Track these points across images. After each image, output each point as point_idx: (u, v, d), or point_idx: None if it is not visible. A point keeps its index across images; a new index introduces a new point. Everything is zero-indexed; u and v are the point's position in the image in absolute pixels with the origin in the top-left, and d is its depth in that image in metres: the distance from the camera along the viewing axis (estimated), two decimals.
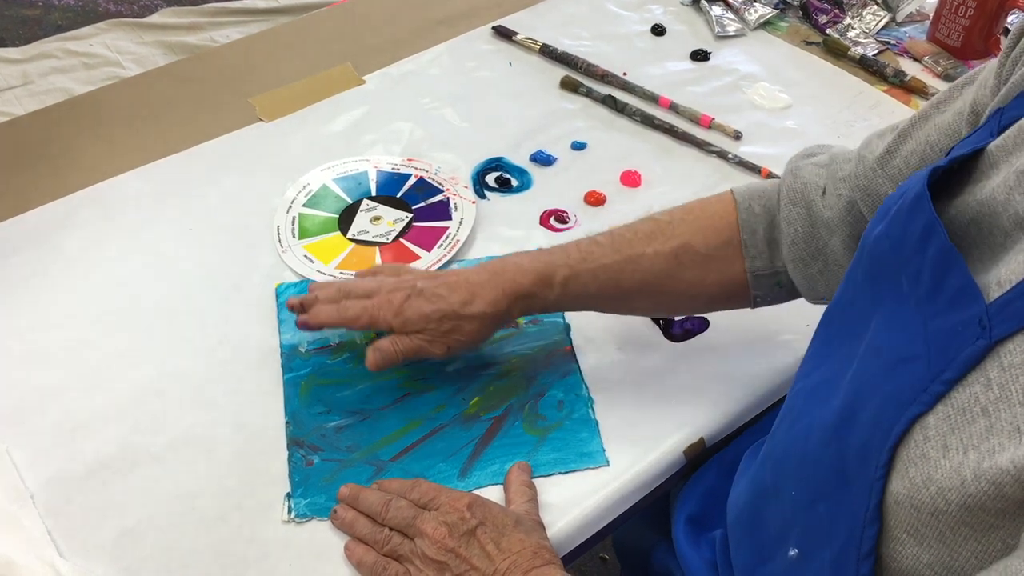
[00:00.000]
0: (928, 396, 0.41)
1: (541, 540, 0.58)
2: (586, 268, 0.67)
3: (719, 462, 0.71)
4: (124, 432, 0.68)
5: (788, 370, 0.73)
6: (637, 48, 1.08)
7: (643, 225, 0.68)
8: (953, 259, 0.43)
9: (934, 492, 0.40)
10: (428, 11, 1.13)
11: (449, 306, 0.66)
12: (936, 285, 0.44)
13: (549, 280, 0.67)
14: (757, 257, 0.67)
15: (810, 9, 1.12)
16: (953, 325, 0.42)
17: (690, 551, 0.67)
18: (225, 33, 2.21)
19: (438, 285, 0.67)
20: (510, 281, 0.67)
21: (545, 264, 0.67)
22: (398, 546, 0.59)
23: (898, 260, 0.47)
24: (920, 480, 0.41)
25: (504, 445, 0.67)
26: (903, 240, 0.46)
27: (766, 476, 0.56)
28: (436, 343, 0.67)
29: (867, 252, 0.50)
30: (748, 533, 0.58)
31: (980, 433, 0.39)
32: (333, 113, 0.98)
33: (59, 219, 0.85)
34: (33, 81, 2.05)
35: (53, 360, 0.73)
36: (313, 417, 0.69)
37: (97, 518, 0.63)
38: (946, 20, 1.05)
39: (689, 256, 0.66)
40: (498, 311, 0.67)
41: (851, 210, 0.62)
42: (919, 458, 0.41)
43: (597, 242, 0.68)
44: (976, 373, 0.40)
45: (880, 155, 0.60)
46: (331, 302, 0.69)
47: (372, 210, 0.86)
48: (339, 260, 0.81)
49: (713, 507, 0.68)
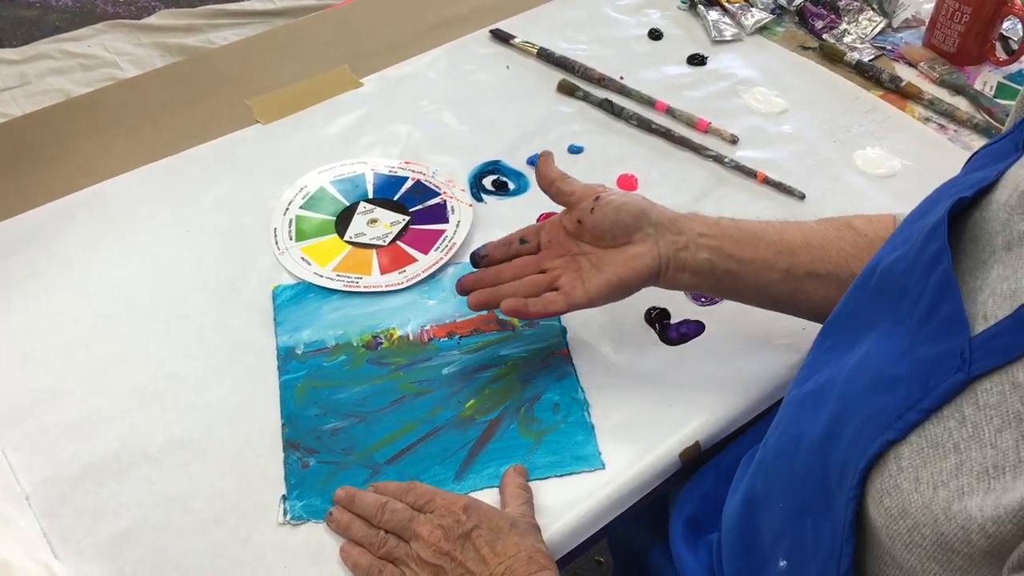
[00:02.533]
0: (902, 423, 0.41)
1: (536, 544, 0.59)
2: (771, 237, 0.67)
3: (717, 466, 0.71)
4: (120, 434, 0.68)
5: (784, 374, 0.73)
6: (634, 52, 1.08)
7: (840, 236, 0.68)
8: (950, 287, 0.42)
9: (910, 525, 0.40)
10: (425, 14, 1.13)
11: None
12: (931, 311, 0.43)
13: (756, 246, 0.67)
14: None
15: (806, 14, 1.12)
16: (938, 354, 0.41)
17: (687, 554, 0.67)
18: (222, 35, 2.21)
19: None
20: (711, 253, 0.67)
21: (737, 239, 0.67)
22: (393, 548, 0.59)
23: (906, 282, 0.46)
24: (896, 511, 0.40)
25: (500, 448, 0.67)
26: (915, 263, 0.46)
27: (758, 484, 0.56)
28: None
29: (880, 271, 0.49)
30: (741, 541, 0.58)
31: (950, 470, 0.38)
32: (331, 116, 0.98)
33: (55, 221, 0.85)
34: (30, 82, 2.04)
35: (49, 361, 0.73)
36: (309, 419, 0.69)
37: (92, 519, 0.63)
38: (942, 26, 1.05)
39: (850, 234, 0.66)
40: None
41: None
42: (893, 488, 0.41)
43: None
44: (951, 407, 0.40)
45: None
46: None
47: (369, 212, 0.86)
48: (336, 262, 0.81)
49: (710, 511, 0.68)
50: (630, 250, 0.67)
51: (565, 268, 0.69)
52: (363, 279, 0.80)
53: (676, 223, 0.67)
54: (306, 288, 0.79)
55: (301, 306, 0.77)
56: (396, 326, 0.76)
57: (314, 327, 0.75)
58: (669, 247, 0.66)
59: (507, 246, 0.72)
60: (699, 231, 0.67)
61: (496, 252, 0.72)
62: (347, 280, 0.79)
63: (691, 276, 0.67)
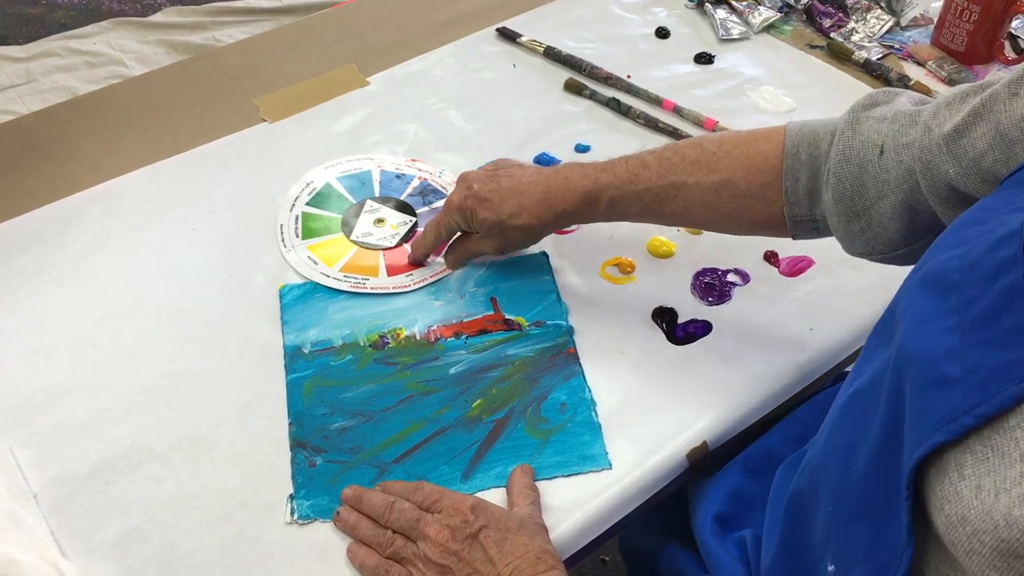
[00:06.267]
0: (957, 427, 0.40)
1: (544, 544, 0.58)
2: (632, 190, 0.71)
3: (744, 462, 0.71)
4: (127, 432, 0.68)
5: (791, 373, 0.73)
6: (641, 51, 1.08)
7: (691, 151, 0.71)
8: (1019, 298, 0.42)
9: (969, 532, 0.39)
10: (432, 13, 1.13)
11: (498, 216, 0.74)
12: (992, 317, 0.42)
13: (595, 200, 0.72)
14: (796, 204, 0.67)
15: (814, 13, 1.12)
16: (999, 363, 0.41)
17: (719, 549, 0.67)
18: (228, 32, 2.21)
19: (491, 191, 0.75)
20: (558, 199, 0.73)
21: (594, 183, 0.72)
22: (401, 548, 0.59)
23: (959, 280, 0.45)
24: (955, 518, 0.40)
25: (507, 448, 0.67)
26: (975, 266, 0.45)
27: (805, 486, 0.55)
28: (488, 243, 0.77)
29: (927, 268, 0.49)
30: (787, 542, 0.57)
31: (1015, 478, 0.38)
32: (337, 114, 0.98)
33: (63, 219, 0.85)
34: (36, 79, 2.05)
35: (57, 359, 0.73)
36: (316, 418, 0.69)
37: (100, 518, 0.63)
38: (950, 24, 1.05)
39: (729, 191, 0.69)
40: (543, 223, 0.74)
41: (908, 178, 0.60)
42: (953, 495, 0.40)
43: (645, 164, 0.72)
44: (1018, 416, 0.39)
45: (948, 132, 0.56)
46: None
47: (375, 212, 0.86)
48: (343, 263, 0.81)
49: (741, 507, 0.68)
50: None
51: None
52: (370, 280, 0.80)
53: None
54: (313, 287, 0.79)
55: (308, 305, 0.77)
56: (403, 326, 0.76)
57: (321, 326, 0.76)
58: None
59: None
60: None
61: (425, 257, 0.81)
62: (354, 281, 0.79)
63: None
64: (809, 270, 0.81)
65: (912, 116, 0.61)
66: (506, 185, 0.75)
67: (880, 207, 0.62)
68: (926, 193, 0.58)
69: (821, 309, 0.78)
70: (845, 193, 0.63)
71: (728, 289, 0.80)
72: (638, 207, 0.72)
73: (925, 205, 0.60)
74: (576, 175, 0.73)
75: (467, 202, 0.75)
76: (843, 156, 0.63)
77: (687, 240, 0.84)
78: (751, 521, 0.67)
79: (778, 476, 0.65)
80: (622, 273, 0.81)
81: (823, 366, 0.75)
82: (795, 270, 0.81)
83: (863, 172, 0.63)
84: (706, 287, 0.80)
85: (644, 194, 0.71)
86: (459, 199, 0.76)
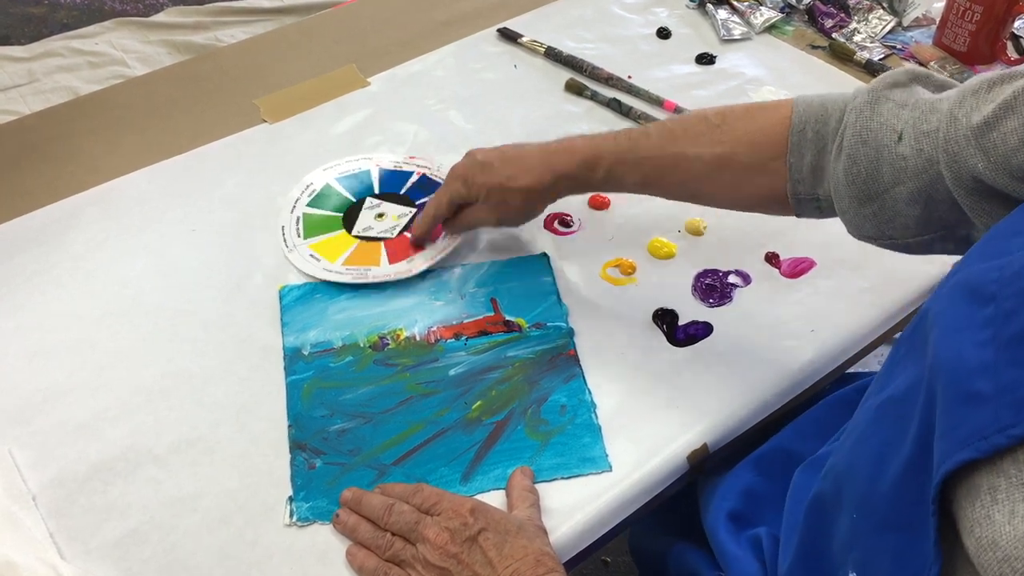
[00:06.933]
0: (987, 445, 0.39)
1: (543, 547, 0.58)
2: (631, 158, 0.71)
3: (757, 460, 0.70)
4: (126, 433, 0.68)
5: (792, 376, 0.73)
6: (642, 51, 1.07)
7: (694, 123, 0.70)
8: None
9: (1000, 557, 0.38)
10: (433, 13, 1.13)
11: (497, 178, 0.74)
12: None
13: (594, 165, 0.72)
14: (800, 182, 0.66)
15: (816, 13, 1.12)
16: None
17: (733, 547, 0.66)
18: (230, 32, 2.21)
19: (494, 157, 0.76)
20: (558, 162, 0.73)
21: (594, 149, 0.73)
22: (400, 551, 0.59)
23: (996, 291, 0.44)
24: (986, 542, 0.39)
25: (506, 450, 0.67)
26: (1017, 278, 0.43)
27: (827, 490, 0.55)
28: (487, 209, 0.77)
29: (962, 275, 0.47)
30: (807, 545, 0.57)
31: None
32: (338, 115, 0.98)
33: (64, 219, 0.85)
34: (38, 79, 2.05)
35: (56, 360, 0.73)
36: (315, 420, 0.69)
37: (99, 519, 0.63)
38: (952, 25, 1.05)
39: (732, 165, 0.68)
40: (543, 187, 0.74)
41: (929, 168, 0.57)
42: (984, 519, 0.39)
43: (647, 133, 0.72)
44: None
45: (978, 125, 0.54)
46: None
47: (376, 207, 0.87)
48: (345, 257, 0.81)
49: (754, 504, 0.68)
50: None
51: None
52: (372, 270, 0.80)
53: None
54: (313, 288, 0.79)
55: (308, 306, 0.77)
56: (403, 327, 0.76)
57: (321, 328, 0.75)
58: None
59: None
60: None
61: (426, 236, 0.82)
62: (356, 272, 0.80)
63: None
64: (810, 271, 0.81)
65: (933, 103, 0.59)
66: (509, 153, 0.76)
67: (895, 192, 0.60)
68: (951, 185, 0.56)
69: (822, 310, 0.77)
70: (859, 176, 0.61)
71: (729, 290, 0.79)
72: (637, 176, 0.71)
73: (946, 195, 0.58)
74: (578, 141, 0.74)
75: (468, 169, 0.76)
76: (860, 138, 0.61)
77: (688, 241, 0.84)
78: (765, 519, 0.67)
79: (797, 478, 0.65)
80: (623, 274, 0.81)
81: (824, 367, 0.75)
82: (796, 271, 0.81)
83: (879, 156, 0.60)
84: (707, 288, 0.79)
85: (644, 163, 0.71)
86: (461, 165, 0.77)
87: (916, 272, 0.80)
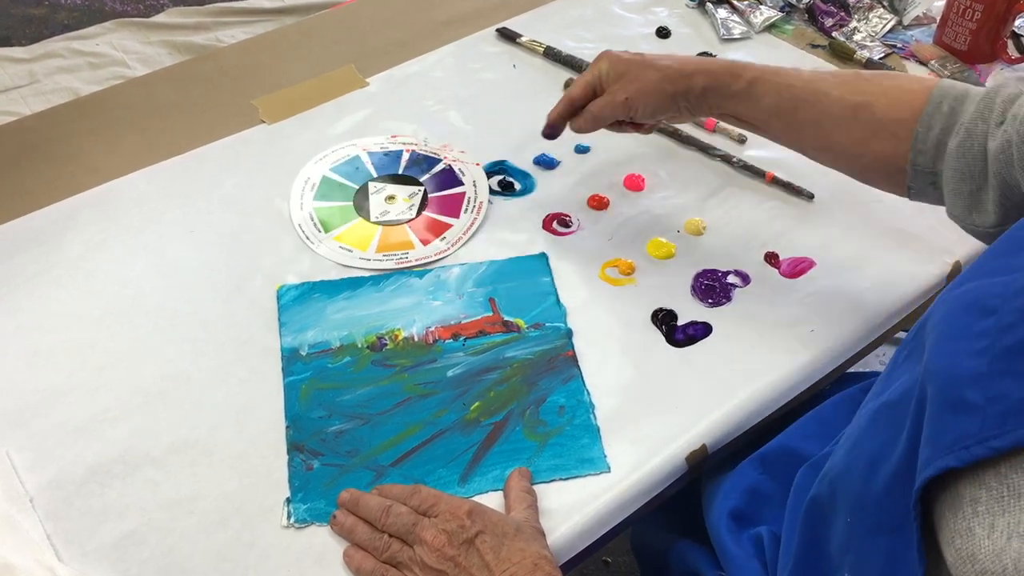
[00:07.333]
0: (967, 455, 0.39)
1: (541, 550, 0.58)
2: (774, 80, 0.72)
3: (762, 459, 0.70)
4: (124, 435, 0.68)
5: (791, 376, 0.73)
6: (642, 51, 1.07)
7: (844, 72, 0.73)
8: None
9: (978, 570, 0.38)
10: (432, 13, 1.13)
11: (642, 56, 0.77)
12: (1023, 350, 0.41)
13: (738, 74, 0.73)
14: (922, 153, 0.66)
15: (816, 12, 1.11)
16: (1023, 397, 0.39)
17: (734, 546, 0.66)
18: (231, 33, 2.21)
19: (642, 54, 0.78)
20: (702, 60, 0.76)
21: (739, 63, 0.75)
22: (397, 553, 0.59)
23: (998, 305, 0.44)
24: (965, 554, 0.39)
25: (505, 451, 0.67)
26: (1020, 295, 0.43)
27: (824, 493, 0.55)
28: (621, 85, 0.76)
29: (967, 287, 0.47)
30: (805, 547, 0.57)
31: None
32: (336, 115, 0.98)
33: (63, 220, 0.85)
34: (39, 80, 2.05)
35: (55, 362, 0.73)
36: (313, 421, 0.69)
37: (96, 521, 0.63)
38: (953, 23, 1.04)
39: (866, 115, 0.69)
40: (682, 73, 0.75)
41: (1005, 149, 0.59)
42: (965, 531, 0.39)
43: (796, 68, 0.74)
44: None
45: None
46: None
47: (382, 191, 0.87)
48: (375, 244, 0.83)
49: (756, 503, 0.67)
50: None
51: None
52: (410, 253, 0.81)
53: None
54: (311, 288, 0.79)
55: (306, 306, 0.77)
56: (401, 327, 0.76)
57: (319, 328, 0.75)
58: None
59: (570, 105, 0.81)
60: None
61: (561, 122, 0.82)
62: (397, 258, 0.81)
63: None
64: (810, 271, 0.81)
65: None
66: (656, 55, 0.78)
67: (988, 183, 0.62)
68: (1018, 166, 0.58)
69: (822, 311, 0.77)
70: (965, 167, 0.63)
71: (728, 290, 0.79)
72: (774, 98, 0.72)
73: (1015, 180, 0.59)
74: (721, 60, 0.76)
75: (614, 53, 0.78)
76: (984, 118, 0.62)
77: (687, 241, 0.84)
78: (767, 518, 0.67)
79: (798, 478, 0.65)
80: (622, 275, 0.81)
81: (824, 368, 0.74)
82: (796, 271, 0.81)
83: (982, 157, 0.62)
84: (706, 288, 0.79)
85: (784, 89, 0.71)
86: (605, 53, 0.79)
87: (916, 272, 0.80)
